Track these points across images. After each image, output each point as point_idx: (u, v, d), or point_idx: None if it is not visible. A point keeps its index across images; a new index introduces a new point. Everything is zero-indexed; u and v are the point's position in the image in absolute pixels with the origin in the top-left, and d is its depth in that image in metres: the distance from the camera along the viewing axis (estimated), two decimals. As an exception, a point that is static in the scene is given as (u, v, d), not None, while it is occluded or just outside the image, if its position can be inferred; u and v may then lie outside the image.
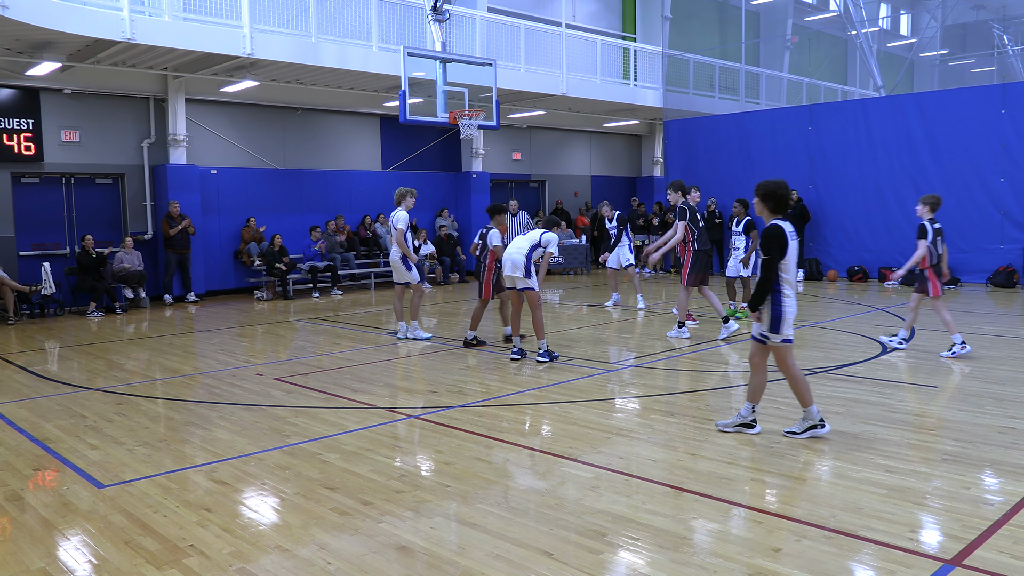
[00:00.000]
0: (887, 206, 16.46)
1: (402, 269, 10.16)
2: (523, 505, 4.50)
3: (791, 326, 5.45)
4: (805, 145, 17.73)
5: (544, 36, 18.24)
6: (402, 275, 10.23)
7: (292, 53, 13.71)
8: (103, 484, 4.97)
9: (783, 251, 5.34)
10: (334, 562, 3.80)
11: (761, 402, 5.77)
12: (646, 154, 25.22)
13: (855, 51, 27.05)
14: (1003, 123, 15.04)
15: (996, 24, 24.66)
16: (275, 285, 15.94)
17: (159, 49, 12.67)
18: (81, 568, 3.83)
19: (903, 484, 4.65)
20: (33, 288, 13.36)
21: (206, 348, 10.22)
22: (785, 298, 5.40)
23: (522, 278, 8.66)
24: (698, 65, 22.01)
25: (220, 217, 16.23)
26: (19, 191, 14.14)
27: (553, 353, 8.71)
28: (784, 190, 5.45)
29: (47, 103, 14.20)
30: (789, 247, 5.37)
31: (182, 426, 6.39)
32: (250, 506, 4.61)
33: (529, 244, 8.69)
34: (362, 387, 7.63)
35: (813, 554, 3.76)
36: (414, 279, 10.19)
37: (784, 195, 5.44)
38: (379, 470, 5.13)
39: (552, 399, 7.06)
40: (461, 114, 13.85)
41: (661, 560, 3.74)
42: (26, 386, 8.02)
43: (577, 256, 19.98)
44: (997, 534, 3.93)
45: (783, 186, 5.47)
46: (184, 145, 15.26)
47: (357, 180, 18.42)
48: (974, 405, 6.43)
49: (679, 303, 10.14)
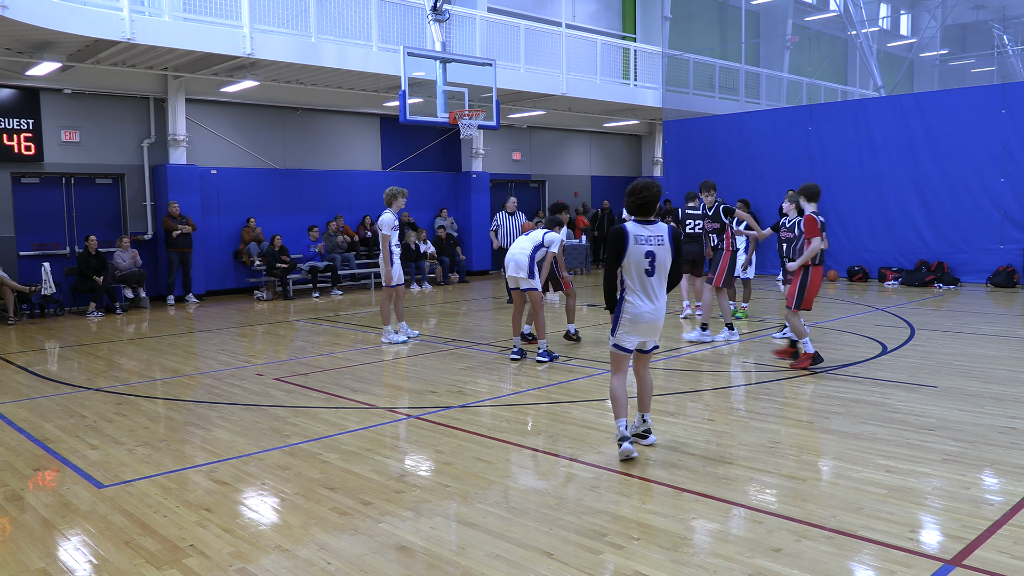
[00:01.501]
0: (887, 206, 16.46)
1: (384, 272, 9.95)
2: (523, 505, 4.50)
3: (630, 334, 5.22)
4: (805, 145, 17.72)
5: (544, 36, 18.24)
6: (387, 278, 9.98)
7: (292, 53, 13.71)
8: (103, 484, 4.97)
9: (620, 254, 5.06)
10: (334, 562, 3.80)
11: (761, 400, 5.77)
12: (646, 154, 25.22)
13: (855, 51, 27.04)
14: (1003, 123, 15.04)
15: (996, 24, 24.66)
16: (275, 285, 15.94)
17: (159, 49, 12.67)
18: (81, 568, 3.83)
19: (903, 484, 4.65)
20: (33, 288, 13.36)
21: (206, 348, 10.22)
22: (627, 303, 5.19)
23: (525, 279, 8.67)
24: (698, 65, 22.01)
25: (220, 217, 16.23)
26: (19, 191, 14.14)
27: (553, 353, 8.71)
28: (643, 193, 5.05)
29: (47, 103, 14.20)
30: (628, 249, 5.05)
31: (182, 426, 6.40)
32: (250, 506, 4.61)
33: (532, 245, 8.73)
34: (362, 387, 7.63)
35: (813, 554, 3.76)
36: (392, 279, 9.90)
37: (644, 198, 5.08)
38: (379, 470, 5.13)
39: (552, 399, 7.06)
40: (461, 114, 13.85)
41: (661, 560, 3.74)
42: (26, 386, 8.02)
43: (577, 256, 19.98)
44: (997, 534, 3.93)
45: (643, 188, 5.07)
46: (184, 145, 15.25)
47: (357, 180, 18.42)
48: (974, 405, 6.43)
49: (704, 304, 9.83)
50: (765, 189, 18.01)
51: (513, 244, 8.95)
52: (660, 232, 5.13)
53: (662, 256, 5.15)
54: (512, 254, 8.77)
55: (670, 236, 5.18)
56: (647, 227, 5.13)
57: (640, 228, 5.12)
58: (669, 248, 5.17)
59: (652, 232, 5.12)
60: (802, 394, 6.95)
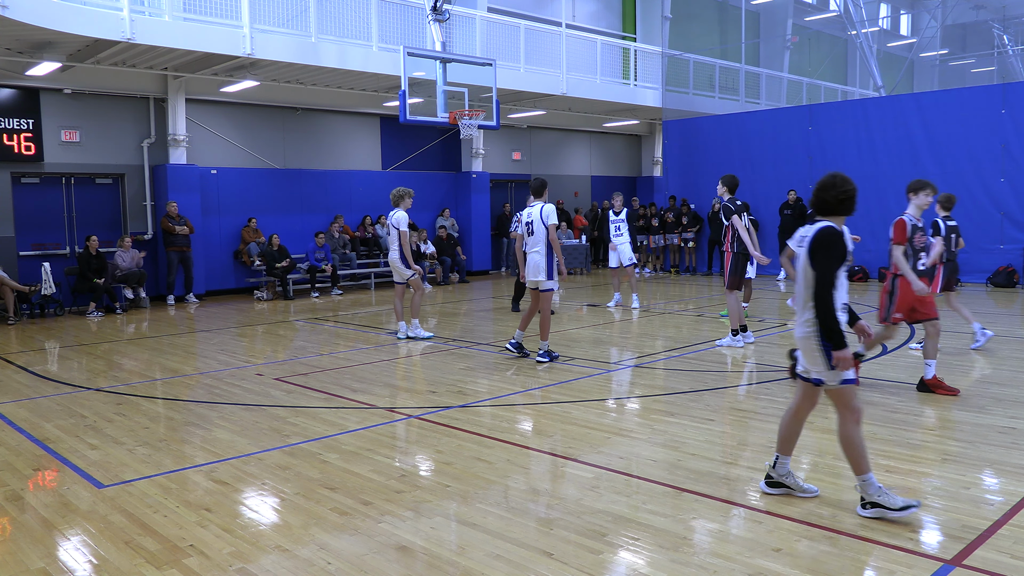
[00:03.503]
0: (887, 206, 16.42)
1: (401, 268, 10.19)
2: (523, 505, 4.50)
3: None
4: (805, 145, 17.73)
5: (544, 36, 18.24)
6: (402, 274, 10.27)
7: (292, 53, 13.71)
8: (103, 484, 4.97)
9: (842, 262, 4.32)
10: (334, 562, 3.79)
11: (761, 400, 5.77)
12: (646, 154, 25.22)
13: (855, 51, 27.05)
14: (1003, 123, 15.05)
15: (996, 24, 24.67)
16: (275, 285, 15.94)
17: (159, 49, 12.67)
18: (81, 568, 3.83)
19: (903, 484, 4.65)
20: (33, 288, 13.36)
21: (206, 348, 10.22)
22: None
23: (544, 280, 8.61)
24: (698, 65, 22.01)
25: (220, 217, 16.23)
26: (19, 191, 14.14)
27: (553, 353, 8.71)
28: (846, 186, 4.30)
29: (47, 103, 14.20)
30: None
31: (182, 426, 6.39)
32: (250, 506, 4.61)
33: (543, 243, 8.51)
34: (362, 387, 7.63)
35: (813, 554, 3.76)
36: (413, 277, 10.20)
37: (847, 192, 4.33)
38: (379, 470, 5.13)
39: (552, 399, 7.05)
40: (461, 114, 13.85)
41: (661, 560, 3.74)
42: (26, 386, 8.02)
43: (577, 256, 19.97)
44: (997, 534, 3.93)
45: (846, 181, 4.33)
46: (184, 145, 15.25)
47: (357, 180, 18.42)
48: (974, 405, 6.43)
49: (730, 309, 9.43)
50: (765, 189, 18.02)
51: (528, 248, 8.67)
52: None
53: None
54: (531, 258, 8.60)
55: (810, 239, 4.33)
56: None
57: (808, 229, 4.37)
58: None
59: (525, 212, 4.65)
60: (802, 394, 6.94)
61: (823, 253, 4.14)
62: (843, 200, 4.27)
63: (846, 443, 4.20)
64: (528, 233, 8.68)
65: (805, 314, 4.24)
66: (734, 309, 9.34)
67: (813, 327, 4.18)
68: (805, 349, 4.26)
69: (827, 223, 4.24)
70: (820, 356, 4.17)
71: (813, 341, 4.18)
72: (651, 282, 17.58)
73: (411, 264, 10.13)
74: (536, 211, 8.58)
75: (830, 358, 4.13)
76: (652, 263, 20.25)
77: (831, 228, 4.20)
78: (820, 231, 4.20)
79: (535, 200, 8.72)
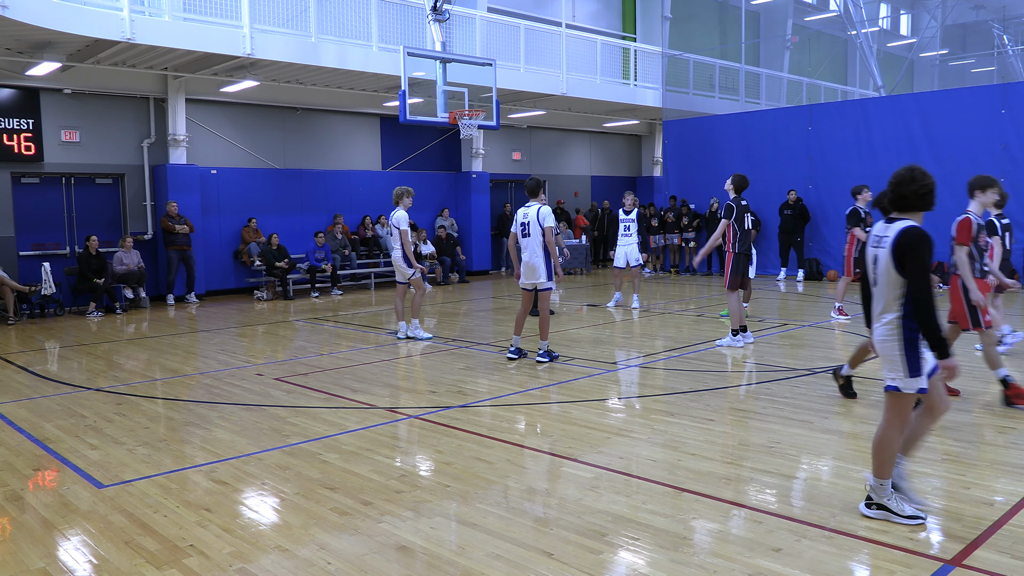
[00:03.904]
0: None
1: (403, 267, 10.20)
2: (523, 505, 4.50)
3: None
4: (805, 145, 17.73)
5: (544, 36, 18.24)
6: (404, 274, 10.28)
7: (292, 53, 13.71)
8: (103, 484, 4.97)
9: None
10: (334, 562, 3.79)
11: (761, 400, 5.77)
12: (646, 154, 25.22)
13: (855, 51, 27.06)
14: (1003, 123, 15.04)
15: (996, 24, 24.68)
16: (275, 285, 15.94)
17: (159, 49, 12.67)
18: (81, 568, 3.83)
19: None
20: (33, 288, 13.36)
21: (206, 348, 10.22)
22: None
23: (543, 281, 8.61)
24: (698, 65, 22.01)
25: (220, 217, 16.22)
26: (19, 191, 14.14)
27: (553, 353, 8.71)
28: (925, 180, 4.02)
29: (47, 103, 14.20)
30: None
31: (182, 426, 6.39)
32: (250, 506, 4.61)
33: (539, 244, 8.53)
34: (362, 387, 7.63)
35: (813, 554, 3.76)
36: (415, 276, 10.21)
37: (927, 187, 4.06)
38: (379, 470, 5.13)
39: (552, 399, 7.06)
40: (461, 114, 13.85)
41: (661, 560, 3.74)
42: (26, 386, 8.02)
43: (577, 256, 19.97)
44: (997, 534, 3.93)
45: (925, 175, 4.05)
46: (184, 145, 15.25)
47: (357, 180, 18.42)
48: (974, 405, 6.43)
49: (731, 309, 9.43)
50: (765, 189, 18.01)
51: (524, 251, 8.64)
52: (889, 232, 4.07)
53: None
54: (527, 260, 8.58)
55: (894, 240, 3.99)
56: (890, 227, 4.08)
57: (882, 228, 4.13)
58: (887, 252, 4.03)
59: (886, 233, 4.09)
60: (802, 394, 6.95)
61: (915, 255, 3.88)
62: (924, 195, 4.00)
63: (881, 446, 4.09)
64: (523, 234, 8.63)
65: (885, 317, 4.04)
66: (735, 309, 9.33)
67: (896, 332, 3.98)
68: (885, 355, 4.05)
69: (910, 222, 3.98)
70: (901, 362, 3.97)
71: (895, 346, 3.98)
72: (651, 282, 17.57)
73: (412, 263, 10.14)
74: (533, 212, 8.54)
75: (912, 365, 3.96)
76: (652, 263, 20.26)
77: (916, 228, 3.93)
78: (905, 233, 3.92)
79: (532, 200, 8.71)
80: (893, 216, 4.07)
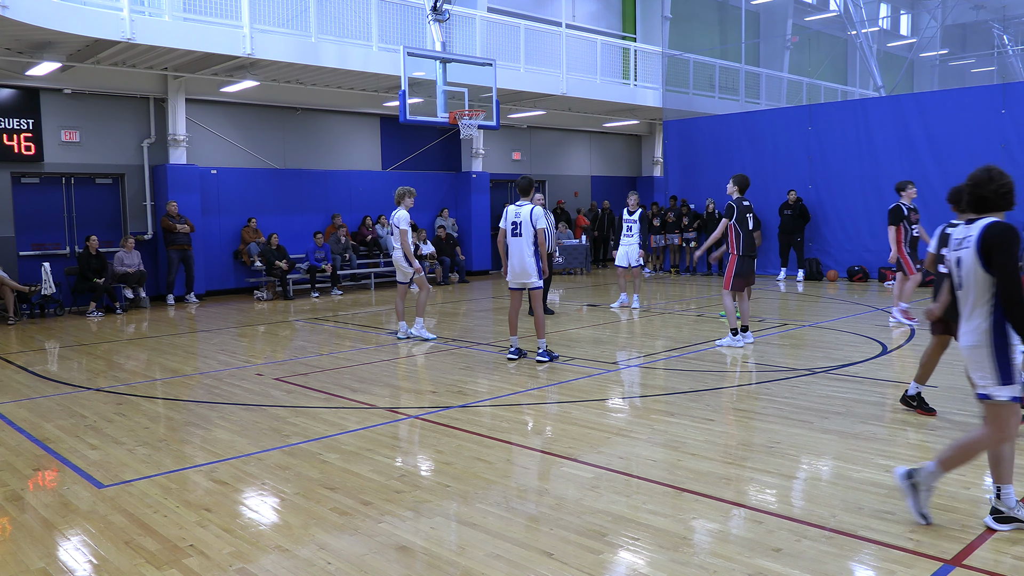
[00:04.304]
0: (887, 206, 16.44)
1: (404, 266, 10.19)
2: (523, 505, 4.50)
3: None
4: (805, 145, 17.72)
5: (544, 36, 18.24)
6: (405, 273, 10.27)
7: (292, 53, 13.71)
8: (103, 484, 4.97)
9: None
10: (334, 562, 3.79)
11: (761, 400, 5.77)
12: (646, 154, 25.23)
13: (855, 51, 27.06)
14: (1003, 123, 15.03)
15: (996, 24, 24.68)
16: (275, 285, 15.94)
17: (159, 49, 12.67)
18: (81, 568, 3.83)
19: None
20: (33, 288, 13.36)
21: (206, 348, 10.22)
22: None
23: (534, 280, 8.61)
24: (698, 65, 22.01)
25: (220, 217, 16.23)
26: (19, 191, 14.14)
27: (553, 353, 8.70)
28: (1004, 179, 3.93)
29: (47, 103, 14.20)
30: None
31: (182, 426, 6.40)
32: (250, 506, 4.61)
33: (529, 244, 8.57)
34: (362, 387, 7.63)
35: (813, 554, 3.76)
36: (419, 275, 10.18)
37: (1008, 186, 3.97)
38: (379, 470, 5.13)
39: (552, 399, 7.05)
40: (461, 114, 13.85)
41: (661, 560, 3.74)
42: (26, 386, 8.02)
43: (577, 256, 19.97)
44: (997, 534, 3.93)
45: (1003, 174, 3.97)
46: (184, 145, 15.26)
47: (357, 180, 18.42)
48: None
49: (726, 309, 9.41)
50: (765, 189, 18.00)
51: (512, 250, 8.62)
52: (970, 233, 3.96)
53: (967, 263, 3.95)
54: (515, 260, 8.58)
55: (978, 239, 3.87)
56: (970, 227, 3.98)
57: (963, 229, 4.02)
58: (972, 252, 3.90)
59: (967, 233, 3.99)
60: (802, 394, 6.95)
61: (1003, 249, 3.75)
62: (1004, 194, 3.91)
63: (990, 459, 3.97)
64: (514, 233, 8.58)
65: (973, 321, 3.90)
66: (729, 309, 9.33)
67: (987, 336, 3.84)
68: (974, 360, 3.90)
69: (993, 217, 3.87)
70: (992, 368, 3.83)
71: (985, 352, 3.85)
72: (651, 282, 17.57)
73: (412, 262, 10.10)
74: (525, 212, 8.53)
75: (1004, 372, 3.81)
76: (652, 263, 20.25)
77: (1001, 222, 3.81)
78: (990, 228, 3.80)
79: (523, 199, 8.70)
80: (972, 217, 3.98)
